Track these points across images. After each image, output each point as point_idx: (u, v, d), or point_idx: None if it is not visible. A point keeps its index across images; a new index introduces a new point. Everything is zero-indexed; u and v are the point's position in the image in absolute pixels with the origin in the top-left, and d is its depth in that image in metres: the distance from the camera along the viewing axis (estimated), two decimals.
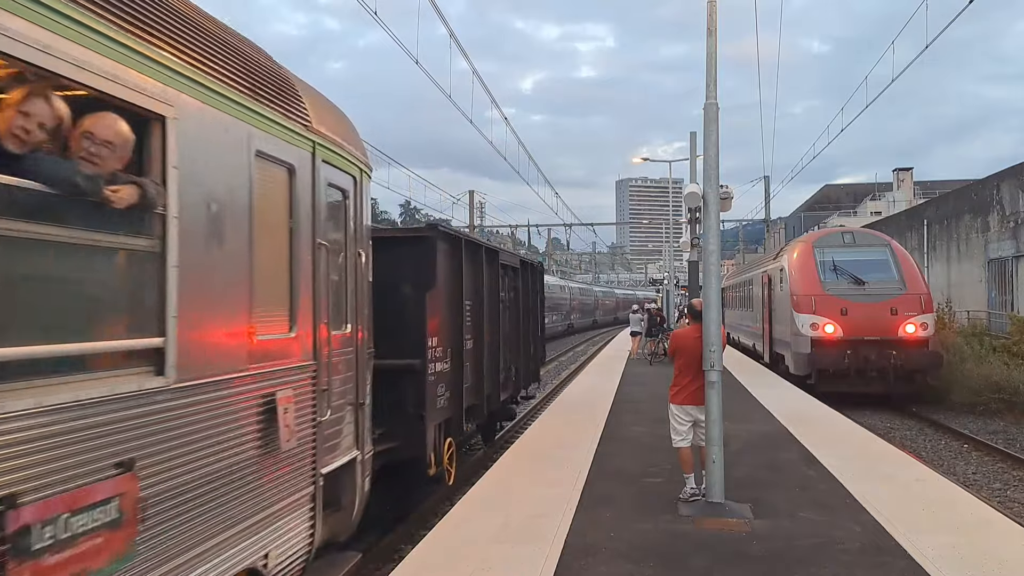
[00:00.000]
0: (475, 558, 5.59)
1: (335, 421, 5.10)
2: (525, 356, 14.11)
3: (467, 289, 9.78)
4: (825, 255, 18.25)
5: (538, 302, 15.83)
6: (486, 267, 10.80)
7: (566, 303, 54.12)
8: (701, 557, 5.68)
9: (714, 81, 7.59)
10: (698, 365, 7.18)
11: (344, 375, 5.31)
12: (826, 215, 69.92)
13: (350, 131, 5.79)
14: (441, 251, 8.79)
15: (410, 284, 8.13)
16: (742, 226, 57.15)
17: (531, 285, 14.65)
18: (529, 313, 14.41)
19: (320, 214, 4.87)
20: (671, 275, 38.32)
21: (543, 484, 7.80)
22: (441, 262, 8.73)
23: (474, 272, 10.25)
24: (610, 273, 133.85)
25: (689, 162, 22.74)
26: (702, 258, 9.41)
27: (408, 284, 8.11)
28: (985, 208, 24.75)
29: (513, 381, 13.00)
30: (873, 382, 16.71)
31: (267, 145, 4.29)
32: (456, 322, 9.39)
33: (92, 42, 2.90)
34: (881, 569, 5.41)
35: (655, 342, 24.21)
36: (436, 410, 8.51)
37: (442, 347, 8.71)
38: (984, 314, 23.58)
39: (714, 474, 6.99)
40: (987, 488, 10.28)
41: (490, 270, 11.06)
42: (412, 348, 8.01)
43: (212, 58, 3.83)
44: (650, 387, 15.89)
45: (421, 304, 8.15)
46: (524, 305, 13.91)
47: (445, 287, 8.96)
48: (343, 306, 5.40)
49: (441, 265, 8.72)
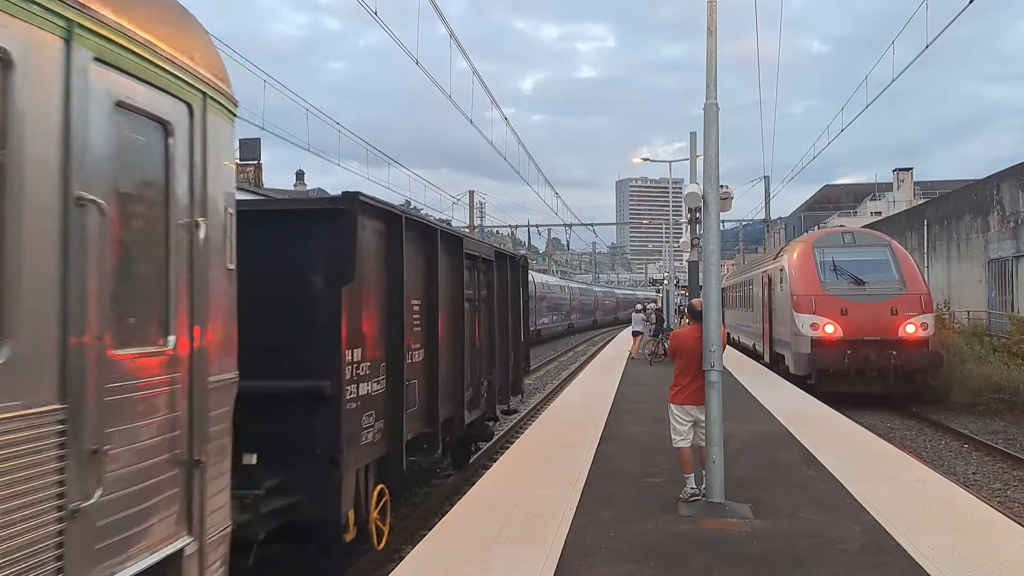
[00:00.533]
0: (475, 558, 5.59)
1: (122, 502, 3.18)
2: (503, 366, 11.63)
3: (413, 284, 7.40)
4: (825, 255, 18.25)
5: (520, 302, 13.13)
6: (445, 257, 8.48)
7: (566, 303, 54.13)
8: (701, 557, 5.68)
9: (714, 81, 7.59)
10: (698, 365, 7.18)
11: (152, 420, 3.46)
12: (826, 215, 69.91)
13: (178, 28, 3.80)
14: (367, 231, 6.37)
15: (317, 276, 5.94)
16: (742, 226, 57.19)
17: (511, 282, 12.23)
18: (509, 315, 12.00)
19: (90, 150, 3.03)
20: (671, 275, 38.30)
21: (543, 484, 7.80)
22: (367, 246, 6.37)
23: (426, 263, 7.90)
24: (610, 273, 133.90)
25: (689, 162, 22.77)
26: (702, 258, 9.42)
27: (314, 276, 5.94)
28: (985, 208, 24.75)
29: (486, 397, 10.51)
30: (873, 382, 16.71)
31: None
32: (394, 328, 6.93)
33: None
34: (881, 569, 5.41)
35: (655, 342, 24.22)
36: (358, 448, 6.15)
37: (370, 361, 6.39)
38: (984, 314, 23.57)
39: (714, 474, 6.99)
40: (987, 488, 10.28)
41: (451, 262, 8.80)
42: (319, 365, 5.81)
43: None
44: (650, 387, 15.88)
45: (333, 304, 5.82)
46: (502, 305, 11.55)
47: (375, 281, 6.65)
48: (157, 306, 3.57)
49: (367, 251, 6.38)
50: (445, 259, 8.52)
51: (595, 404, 13.82)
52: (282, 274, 5.89)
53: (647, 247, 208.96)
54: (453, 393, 8.82)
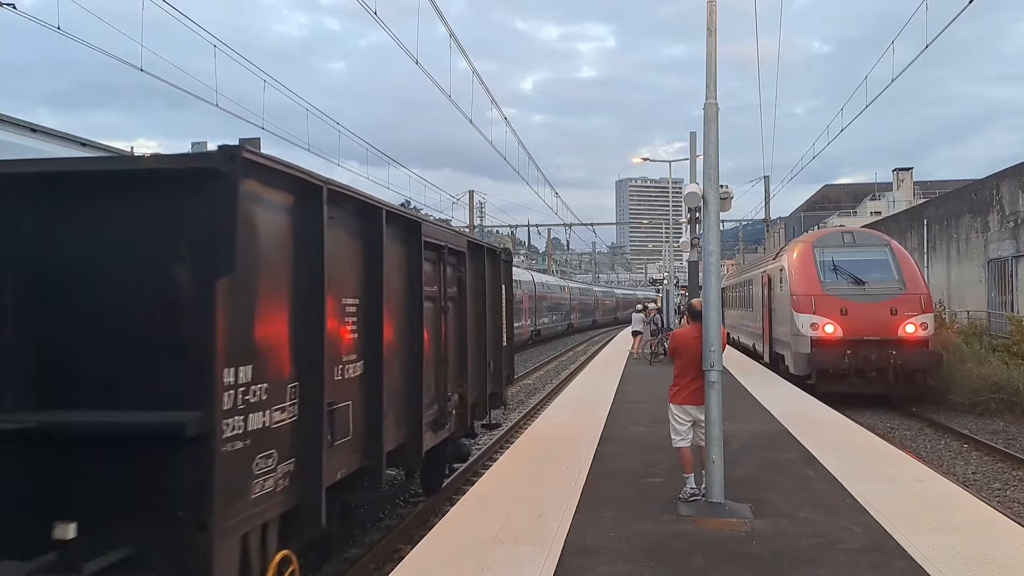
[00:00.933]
0: (475, 558, 5.59)
1: None
2: (479, 377, 9.72)
3: (344, 278, 5.62)
4: (825, 255, 18.25)
5: (502, 302, 11.18)
6: (395, 246, 6.68)
7: (566, 303, 54.17)
8: (701, 557, 5.68)
9: (714, 81, 7.59)
10: (698, 365, 7.18)
11: None
12: (826, 215, 69.89)
13: None
14: (262, 204, 4.57)
15: (180, 266, 4.29)
16: (742, 226, 57.22)
17: (490, 278, 10.46)
18: (487, 317, 10.10)
19: None
20: (671, 275, 38.31)
21: (543, 484, 7.80)
22: (262, 225, 4.58)
23: (366, 251, 6.06)
24: (610, 273, 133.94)
25: (689, 162, 22.76)
26: (702, 258, 9.41)
27: (175, 266, 4.29)
28: (985, 208, 24.74)
29: (455, 414, 8.59)
30: (873, 382, 16.70)
31: None
32: (310, 335, 5.02)
33: None
34: (881, 569, 5.41)
35: (656, 342, 24.24)
36: (246, 504, 4.37)
37: (270, 382, 4.58)
38: (984, 314, 23.58)
39: (714, 474, 6.99)
40: (987, 488, 10.28)
41: (404, 251, 6.99)
42: (180, 391, 4.16)
43: None
44: (650, 387, 15.88)
45: (203, 304, 4.12)
46: (478, 306, 9.67)
47: (280, 274, 4.80)
48: None
49: (263, 231, 4.58)
50: (396, 248, 6.70)
51: (595, 404, 13.82)
52: (127, 264, 4.29)
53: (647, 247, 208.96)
54: (407, 413, 6.98)
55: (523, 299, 38.55)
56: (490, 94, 22.80)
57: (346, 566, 7.10)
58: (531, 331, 40.60)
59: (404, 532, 8.08)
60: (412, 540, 7.21)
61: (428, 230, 7.57)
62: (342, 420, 5.54)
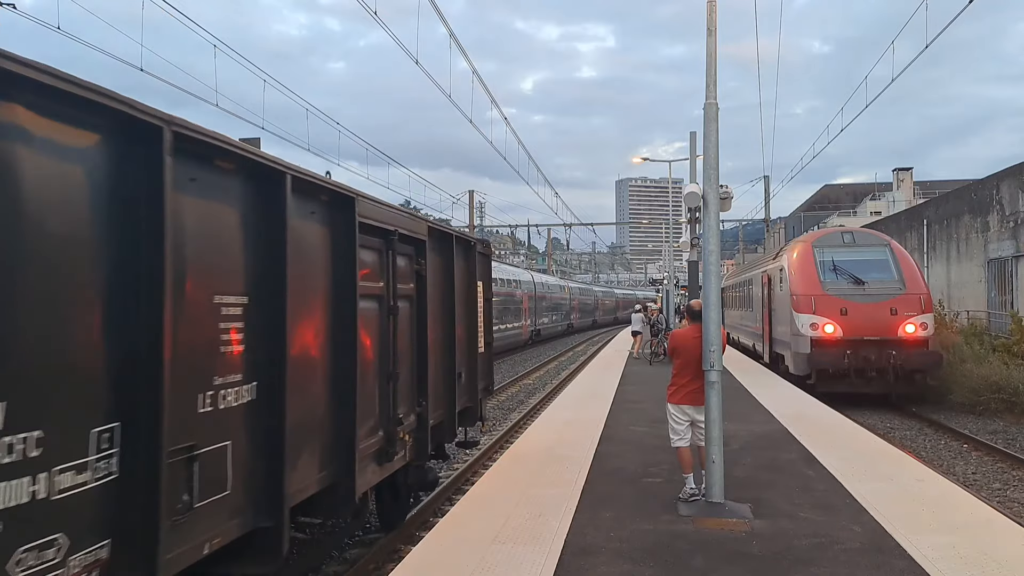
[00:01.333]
0: (475, 558, 5.59)
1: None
2: (446, 390, 8.10)
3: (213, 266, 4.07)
4: (825, 255, 18.26)
5: (478, 301, 9.59)
6: (310, 225, 5.13)
7: (566, 303, 54.21)
8: (701, 557, 5.68)
9: (714, 81, 7.59)
10: (697, 365, 7.19)
11: None
12: (826, 215, 69.88)
13: None
14: (32, 145, 2.87)
15: None
16: (742, 226, 57.24)
17: (463, 274, 8.87)
18: (457, 320, 8.37)
19: None
20: (671, 275, 38.32)
21: (543, 484, 7.80)
22: (25, 181, 2.84)
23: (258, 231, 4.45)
24: (610, 273, 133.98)
25: (689, 162, 22.75)
26: (702, 258, 9.41)
27: None
28: (985, 208, 24.75)
29: (413, 439, 7.00)
30: (873, 382, 16.71)
31: None
32: (142, 346, 3.38)
33: None
34: (881, 569, 5.41)
35: (656, 342, 24.26)
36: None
37: (46, 427, 2.90)
38: (984, 314, 23.59)
39: (714, 474, 6.99)
40: (987, 488, 10.28)
41: (324, 234, 5.35)
42: None
43: None
44: (650, 387, 15.89)
45: None
46: (443, 306, 8.02)
47: (71, 248, 3.07)
48: None
49: (27, 191, 2.85)
50: (314, 229, 5.14)
51: (595, 403, 13.83)
52: None
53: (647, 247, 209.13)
54: (333, 446, 5.31)
55: (523, 299, 38.59)
56: (490, 94, 22.83)
57: (346, 566, 7.11)
58: (531, 331, 40.62)
59: (405, 531, 8.05)
60: (413, 540, 7.22)
61: (367, 209, 5.78)
62: (212, 469, 3.91)
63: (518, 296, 37.60)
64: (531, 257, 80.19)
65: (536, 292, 42.70)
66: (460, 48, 17.50)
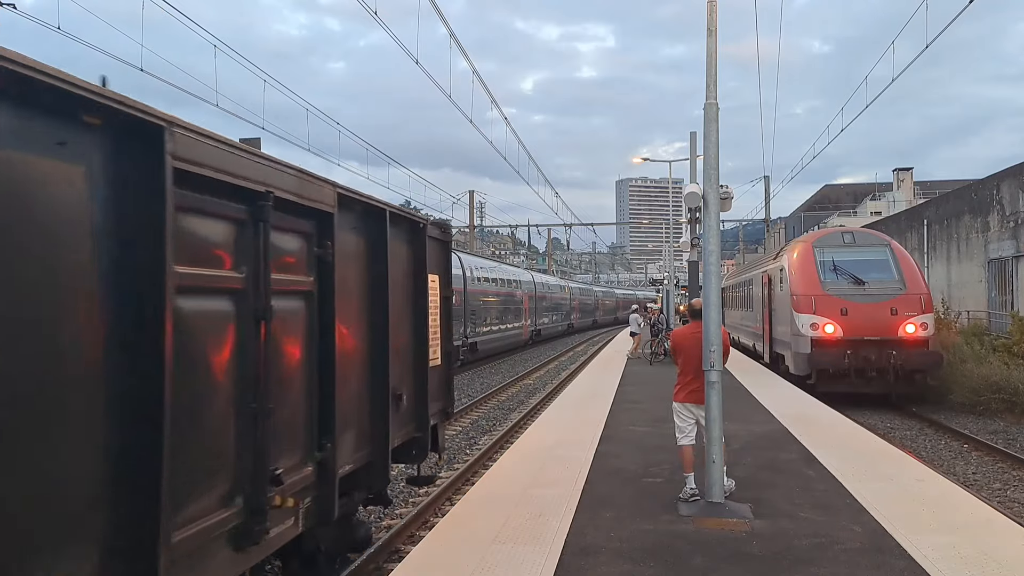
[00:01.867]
0: (475, 558, 5.59)
1: None
2: (373, 421, 5.91)
3: None
4: (825, 255, 18.25)
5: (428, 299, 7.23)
6: (129, 192, 3.15)
7: (566, 303, 54.21)
8: (701, 557, 5.68)
9: (714, 81, 7.59)
10: (697, 364, 7.19)
11: None
12: (826, 215, 69.89)
13: None
14: None
15: None
16: (742, 226, 57.26)
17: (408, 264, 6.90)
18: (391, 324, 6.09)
19: None
20: (671, 275, 38.32)
21: (543, 484, 7.80)
22: None
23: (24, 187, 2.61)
24: (610, 273, 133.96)
25: (689, 162, 22.76)
26: (702, 258, 9.41)
27: None
28: (985, 208, 24.75)
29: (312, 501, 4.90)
30: (873, 382, 16.71)
31: None
32: None
33: None
34: (881, 569, 5.41)
35: (656, 341, 24.25)
36: None
37: None
38: (984, 314, 23.59)
39: (714, 474, 6.99)
40: (987, 488, 10.28)
41: (104, 188, 3.05)
42: None
43: None
44: (650, 387, 15.90)
45: None
46: (371, 306, 5.93)
47: None
48: None
49: None
50: (126, 194, 3.16)
51: (595, 403, 13.83)
52: None
53: (647, 247, 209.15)
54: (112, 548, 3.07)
55: (523, 299, 38.61)
56: (490, 94, 22.83)
57: (346, 566, 7.10)
58: (531, 331, 40.63)
59: (404, 531, 8.05)
60: (413, 540, 7.23)
61: (196, 151, 3.54)
62: None
63: (518, 296, 37.63)
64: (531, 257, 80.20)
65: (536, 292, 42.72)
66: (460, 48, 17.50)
